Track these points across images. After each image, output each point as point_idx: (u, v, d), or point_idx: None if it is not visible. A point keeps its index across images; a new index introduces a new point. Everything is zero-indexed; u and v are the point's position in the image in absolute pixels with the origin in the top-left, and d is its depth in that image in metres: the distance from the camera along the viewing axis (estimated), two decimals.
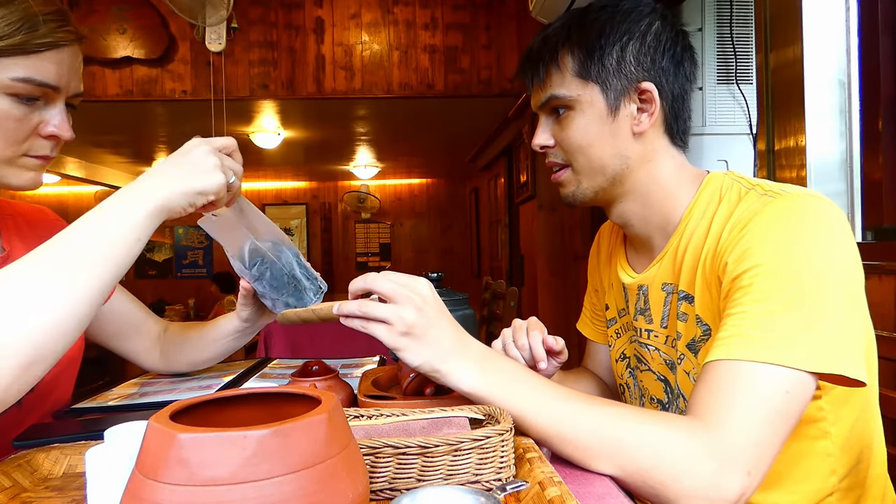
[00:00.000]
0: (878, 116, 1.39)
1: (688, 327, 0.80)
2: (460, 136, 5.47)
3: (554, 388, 0.67)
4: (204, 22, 3.04)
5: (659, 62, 0.80)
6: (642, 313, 0.89)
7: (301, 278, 0.91)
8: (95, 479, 0.53)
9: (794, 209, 0.68)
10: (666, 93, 0.81)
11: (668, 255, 0.83)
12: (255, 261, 0.89)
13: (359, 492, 0.42)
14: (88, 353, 1.01)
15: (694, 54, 0.84)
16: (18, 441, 0.75)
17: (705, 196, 0.80)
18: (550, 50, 0.83)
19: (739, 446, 0.59)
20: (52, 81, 0.76)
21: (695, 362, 0.79)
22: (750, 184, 0.77)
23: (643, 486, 0.61)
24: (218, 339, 1.04)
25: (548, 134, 0.86)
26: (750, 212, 0.71)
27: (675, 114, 0.82)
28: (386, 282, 0.68)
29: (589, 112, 0.81)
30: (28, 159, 0.80)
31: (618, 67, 0.79)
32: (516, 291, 2.91)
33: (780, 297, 0.64)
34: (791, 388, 0.61)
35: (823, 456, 0.74)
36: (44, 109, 0.79)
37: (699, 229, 0.78)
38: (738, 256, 0.69)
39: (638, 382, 0.93)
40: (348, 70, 3.81)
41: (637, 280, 0.88)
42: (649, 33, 0.80)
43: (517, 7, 3.77)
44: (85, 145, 5.50)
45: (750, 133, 1.88)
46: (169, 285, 7.45)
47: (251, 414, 0.50)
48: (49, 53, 0.75)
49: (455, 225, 7.89)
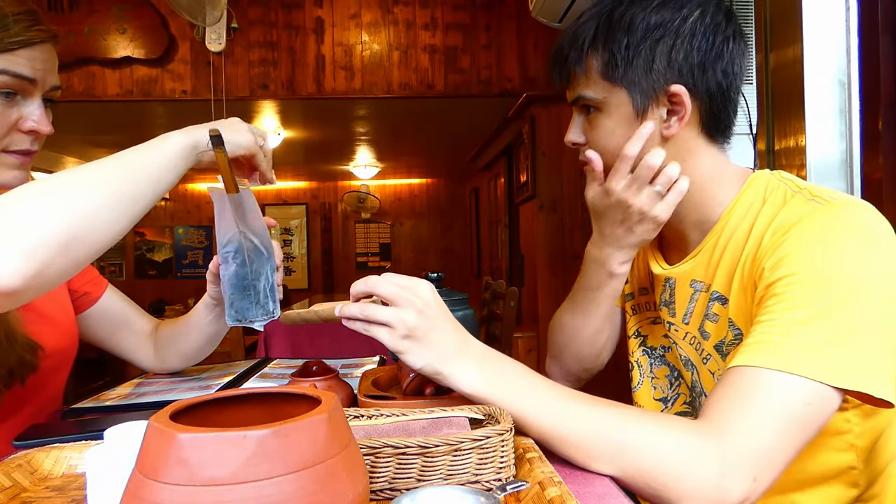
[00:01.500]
0: (878, 116, 1.39)
1: (718, 329, 0.78)
2: (460, 136, 5.47)
3: (555, 389, 0.67)
4: (204, 22, 3.03)
5: (693, 59, 0.74)
6: (666, 305, 0.88)
7: (260, 292, 0.89)
8: (95, 479, 0.53)
9: (839, 218, 0.66)
10: (700, 92, 0.75)
11: (704, 252, 0.80)
12: (228, 249, 0.88)
13: (359, 492, 0.42)
14: (88, 353, 1.02)
15: (742, 41, 0.76)
16: (18, 441, 0.75)
17: (748, 196, 0.77)
18: (577, 49, 0.79)
19: (747, 451, 0.59)
20: (27, 74, 0.79)
21: (721, 364, 0.77)
22: (797, 186, 0.74)
23: (645, 488, 0.61)
24: (198, 322, 1.04)
25: (579, 130, 0.84)
26: (794, 217, 0.68)
27: (712, 112, 0.77)
28: (387, 284, 0.68)
29: (616, 114, 0.78)
30: (8, 156, 0.81)
31: (646, 69, 0.74)
32: (516, 291, 2.91)
33: (812, 307, 0.62)
34: (811, 399, 0.59)
35: (847, 469, 0.73)
36: (22, 105, 0.81)
37: (740, 230, 0.75)
38: (774, 263, 0.67)
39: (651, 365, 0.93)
40: (348, 70, 3.81)
41: (667, 272, 0.86)
42: (685, 27, 0.73)
43: (517, 7, 3.76)
44: (85, 145, 5.50)
45: (750, 133, 1.88)
46: (169, 285, 7.45)
47: (251, 414, 0.50)
48: (22, 51, 0.78)
49: (455, 225, 7.89)
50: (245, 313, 0.88)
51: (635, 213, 0.79)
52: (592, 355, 0.98)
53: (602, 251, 0.85)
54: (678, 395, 0.90)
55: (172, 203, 7.51)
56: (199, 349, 1.08)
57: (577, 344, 0.97)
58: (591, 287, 0.90)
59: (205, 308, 1.03)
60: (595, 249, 0.86)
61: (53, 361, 0.92)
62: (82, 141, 5.30)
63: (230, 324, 0.90)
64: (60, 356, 0.95)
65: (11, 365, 0.82)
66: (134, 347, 1.09)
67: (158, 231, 7.52)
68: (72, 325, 0.99)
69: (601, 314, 0.93)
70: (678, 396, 0.90)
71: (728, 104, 0.78)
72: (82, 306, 1.03)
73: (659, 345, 0.93)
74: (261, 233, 0.89)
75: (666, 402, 0.91)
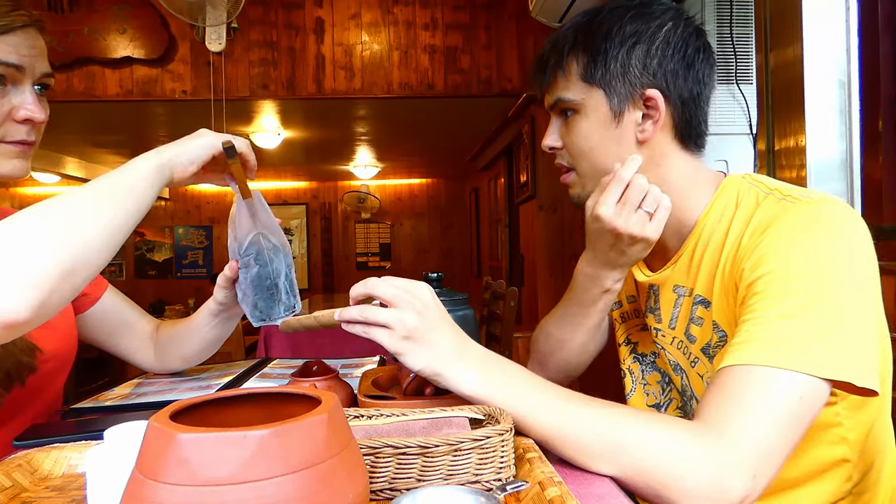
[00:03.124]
0: (878, 116, 1.39)
1: (703, 332, 0.79)
2: (460, 136, 5.47)
3: (554, 390, 0.67)
4: (204, 22, 3.04)
5: (667, 65, 0.78)
6: (652, 312, 0.89)
7: (282, 290, 0.90)
8: (95, 479, 0.53)
9: (812, 215, 0.68)
10: (674, 98, 0.79)
11: (684, 257, 0.82)
12: (250, 251, 0.89)
13: (359, 492, 0.42)
14: (88, 353, 1.02)
15: (711, 55, 0.81)
16: (18, 441, 0.75)
17: (722, 200, 0.79)
18: (557, 53, 0.83)
19: (746, 448, 0.59)
20: (13, 60, 0.78)
21: (709, 367, 0.79)
22: (768, 188, 0.76)
23: (645, 488, 0.61)
24: (200, 326, 1.04)
25: (556, 135, 0.86)
26: (769, 217, 0.71)
27: (685, 119, 0.80)
28: (387, 286, 0.68)
29: (593, 116, 0.81)
30: (5, 146, 0.81)
31: (622, 72, 0.78)
32: (516, 291, 2.91)
33: (794, 302, 0.63)
34: (804, 393, 0.60)
35: (840, 461, 0.73)
36: (13, 94, 0.80)
37: (717, 233, 0.78)
38: (754, 263, 0.69)
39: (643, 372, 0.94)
40: (348, 70, 3.81)
41: (650, 279, 0.88)
42: (658, 35, 0.78)
43: (517, 7, 3.77)
44: (85, 145, 5.50)
45: (750, 133, 1.88)
46: (169, 285, 7.45)
47: (251, 414, 0.50)
48: (5, 37, 0.77)
49: (455, 225, 7.89)
50: (269, 312, 0.90)
51: (626, 238, 0.78)
52: (579, 364, 0.99)
53: (596, 270, 0.85)
54: (671, 400, 0.91)
55: (172, 203, 7.51)
56: (201, 352, 1.08)
57: (565, 352, 0.97)
58: (584, 303, 0.90)
59: (209, 313, 1.02)
60: (590, 268, 0.86)
61: (53, 364, 0.92)
62: (82, 141, 5.30)
63: (256, 325, 0.91)
64: (60, 359, 0.94)
65: (9, 367, 0.82)
66: (134, 348, 1.09)
67: (158, 231, 7.52)
68: (71, 327, 0.99)
69: (591, 326, 0.93)
70: (671, 401, 0.91)
71: (699, 112, 0.81)
72: (82, 307, 1.03)
73: (649, 351, 0.94)
74: (275, 229, 0.91)
75: (659, 407, 0.92)
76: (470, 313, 1.00)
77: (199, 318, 1.04)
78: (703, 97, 0.81)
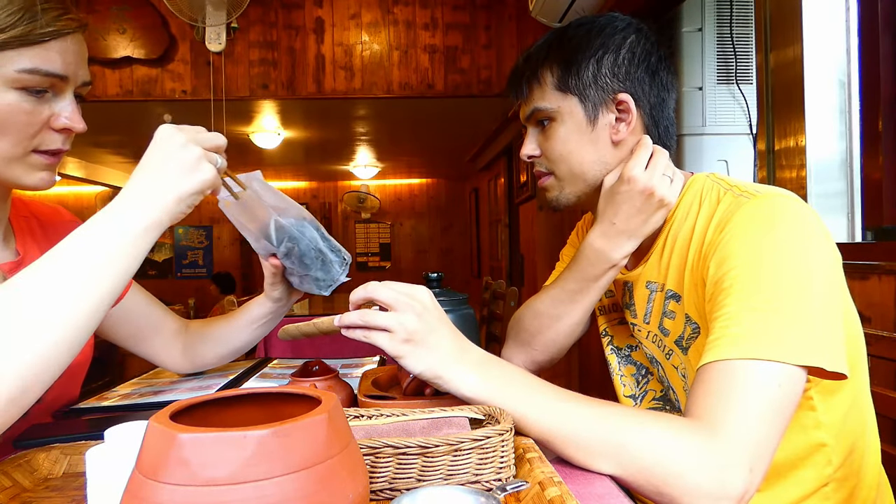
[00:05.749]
0: (878, 116, 1.39)
1: (675, 325, 0.83)
2: (460, 136, 5.48)
3: (553, 390, 0.68)
4: (204, 22, 3.04)
5: (634, 73, 0.84)
6: (627, 307, 0.93)
7: (326, 251, 0.90)
8: (95, 479, 0.53)
9: (764, 210, 0.71)
10: (643, 102, 0.85)
11: (655, 254, 0.86)
12: (281, 238, 0.88)
13: (359, 492, 0.42)
14: None
15: (670, 66, 0.88)
16: (18, 441, 0.75)
17: (688, 198, 0.83)
18: (532, 67, 0.89)
19: (740, 443, 0.60)
20: (59, 71, 0.74)
21: (683, 358, 0.82)
22: (728, 185, 0.79)
23: (646, 486, 0.61)
24: (249, 325, 1.02)
25: (534, 145, 0.91)
26: (728, 213, 0.74)
27: (654, 121, 0.86)
28: (386, 290, 0.68)
29: (569, 122, 0.86)
30: (38, 156, 0.77)
31: (594, 79, 0.84)
32: (516, 291, 2.91)
33: (760, 295, 0.66)
34: (782, 381, 0.62)
35: (818, 446, 0.75)
36: (53, 102, 0.76)
37: (683, 230, 0.81)
38: (718, 260, 0.72)
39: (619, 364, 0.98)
40: (348, 70, 3.82)
41: (624, 276, 0.91)
42: (623, 46, 0.84)
43: (517, 7, 3.77)
44: (85, 145, 5.51)
45: (750, 133, 1.88)
46: (169, 285, 7.45)
47: (251, 414, 0.50)
48: (53, 43, 0.73)
49: (455, 225, 7.89)
50: (331, 277, 0.91)
51: (656, 201, 0.82)
52: (564, 347, 1.00)
53: (611, 241, 0.87)
54: (646, 392, 0.95)
55: None
56: (238, 351, 1.06)
57: (554, 332, 0.98)
58: (587, 277, 0.91)
59: (259, 308, 1.00)
60: (602, 240, 0.87)
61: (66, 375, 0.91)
62: (82, 141, 5.30)
63: (327, 294, 0.91)
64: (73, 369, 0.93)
65: None
66: (159, 348, 1.04)
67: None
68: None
69: (588, 304, 0.94)
70: (646, 393, 0.95)
71: (665, 115, 0.88)
72: None
73: (625, 345, 0.98)
74: (286, 203, 0.89)
75: (635, 398, 0.96)
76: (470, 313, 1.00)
77: (249, 316, 1.01)
78: (668, 103, 0.88)
